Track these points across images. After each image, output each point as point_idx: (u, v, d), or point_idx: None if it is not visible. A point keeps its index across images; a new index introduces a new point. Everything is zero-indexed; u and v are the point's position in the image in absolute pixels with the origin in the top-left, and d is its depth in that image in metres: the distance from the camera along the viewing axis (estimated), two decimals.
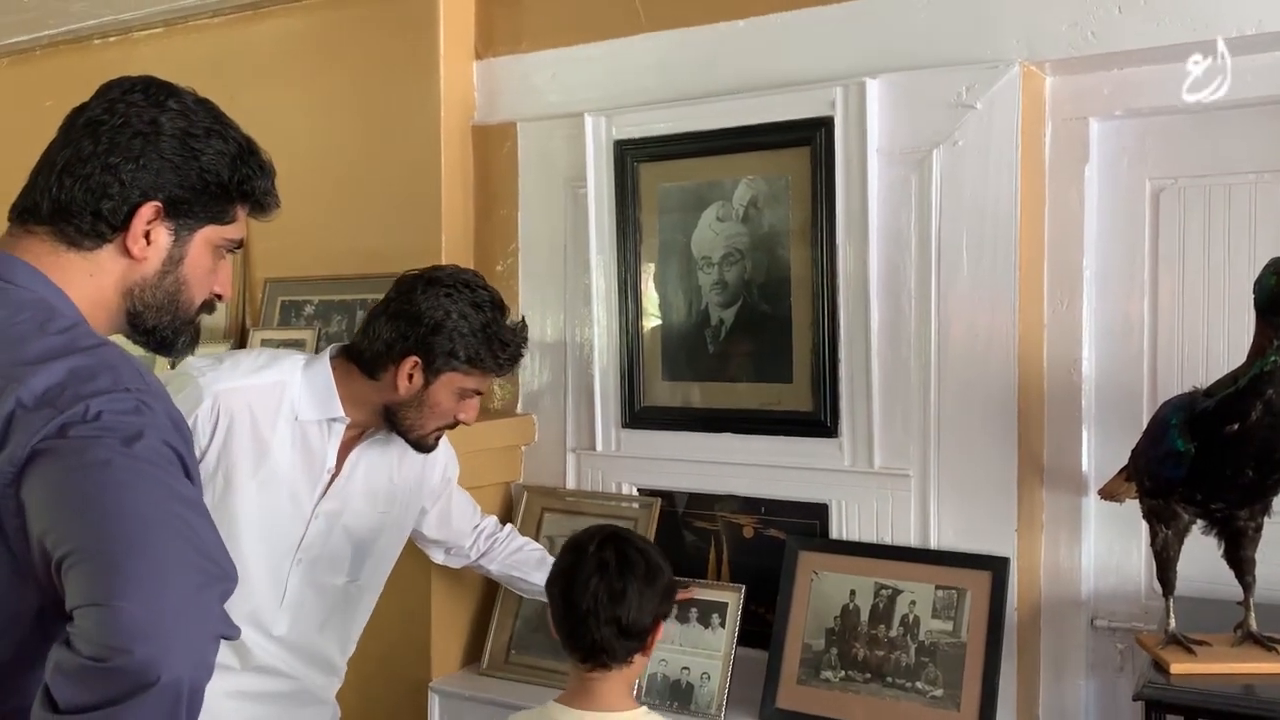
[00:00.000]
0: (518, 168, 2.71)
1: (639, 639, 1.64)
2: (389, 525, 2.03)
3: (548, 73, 2.67)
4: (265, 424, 1.84)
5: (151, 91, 1.23)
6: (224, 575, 1.06)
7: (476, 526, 2.26)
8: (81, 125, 1.22)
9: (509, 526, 2.31)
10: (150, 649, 0.95)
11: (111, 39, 3.24)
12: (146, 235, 1.21)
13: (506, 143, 2.72)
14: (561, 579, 1.68)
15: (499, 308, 1.92)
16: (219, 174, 1.24)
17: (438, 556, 2.26)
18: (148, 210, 1.21)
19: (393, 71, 2.75)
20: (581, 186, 2.57)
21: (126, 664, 0.95)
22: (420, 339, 1.84)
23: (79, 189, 1.19)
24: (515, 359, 1.94)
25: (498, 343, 1.89)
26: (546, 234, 2.68)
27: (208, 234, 1.26)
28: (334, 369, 1.90)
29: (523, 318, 1.99)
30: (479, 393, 1.94)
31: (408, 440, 1.94)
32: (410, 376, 1.86)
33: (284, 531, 1.88)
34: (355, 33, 2.82)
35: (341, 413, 1.89)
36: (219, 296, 1.33)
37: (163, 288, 1.25)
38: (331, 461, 1.91)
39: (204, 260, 1.27)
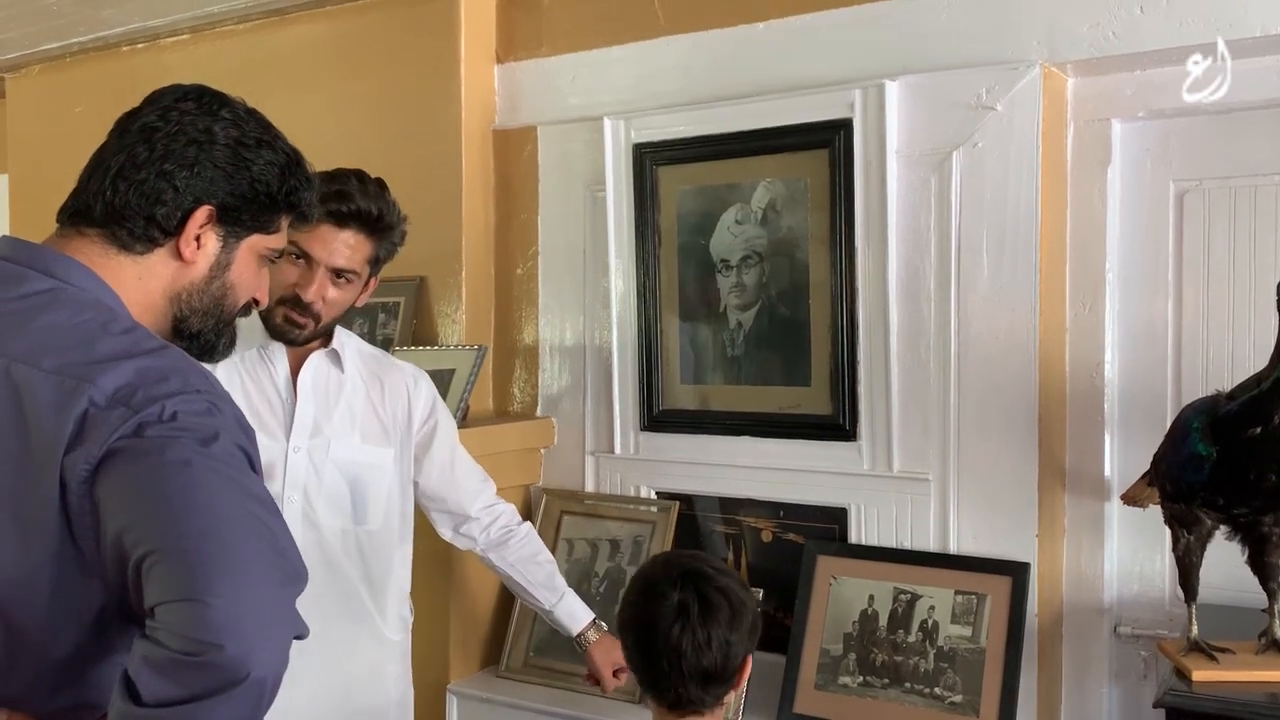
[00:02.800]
0: (538, 171, 2.72)
1: (728, 682, 1.51)
2: (387, 464, 1.98)
3: (568, 76, 2.67)
4: None
5: (205, 100, 1.25)
6: (298, 575, 1.08)
7: (490, 505, 2.15)
8: (136, 131, 1.22)
9: (528, 525, 2.21)
10: (241, 645, 0.97)
11: (140, 46, 3.28)
12: (197, 239, 1.23)
13: (527, 146, 2.74)
14: (636, 624, 1.52)
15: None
16: (269, 184, 1.25)
17: (445, 531, 2.13)
18: (201, 214, 1.22)
19: (414, 76, 2.77)
20: (601, 190, 2.58)
21: (218, 659, 0.96)
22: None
23: (133, 194, 1.20)
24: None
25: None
26: (566, 237, 2.69)
27: (253, 243, 1.28)
28: None
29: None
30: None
31: (269, 331, 1.87)
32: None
33: (265, 470, 1.81)
34: (378, 38, 2.84)
35: (268, 336, 1.87)
36: (257, 302, 1.34)
37: (209, 293, 1.26)
38: (285, 389, 1.89)
39: (249, 268, 1.29)
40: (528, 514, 2.68)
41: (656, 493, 2.56)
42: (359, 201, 1.86)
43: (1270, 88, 2.03)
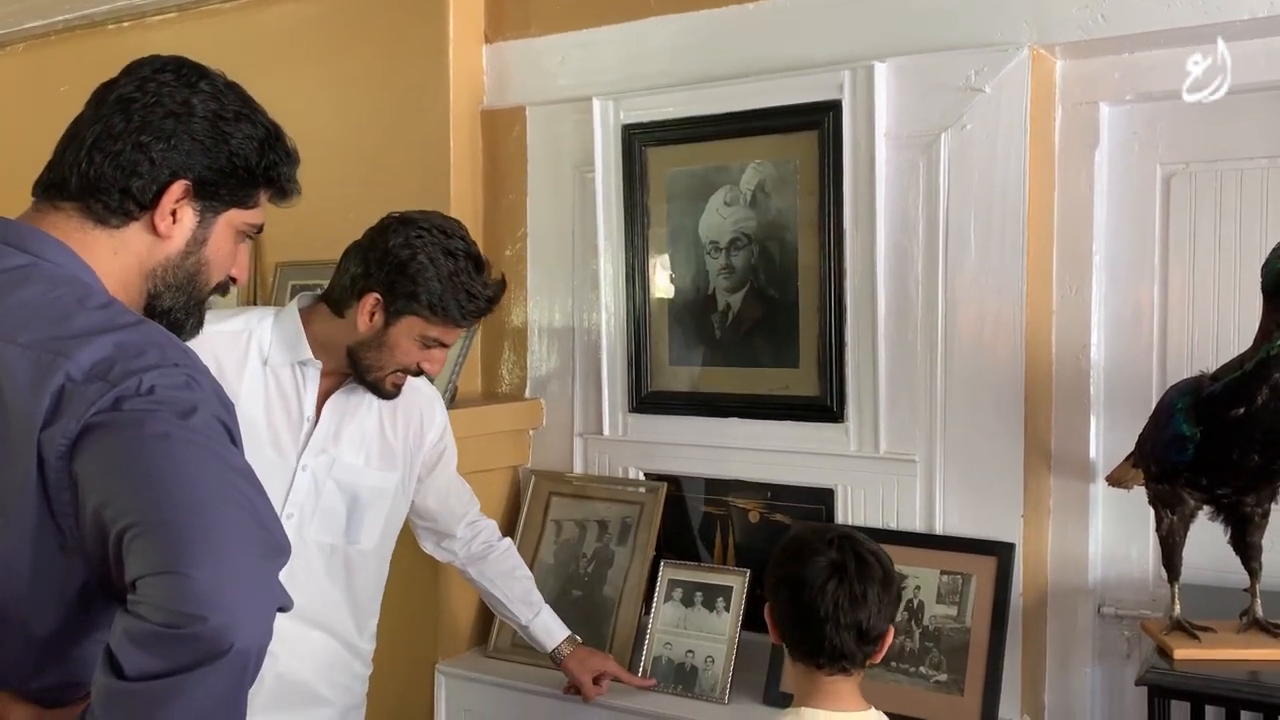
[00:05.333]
0: (527, 152, 2.71)
1: (875, 644, 1.57)
2: (390, 487, 1.99)
3: (557, 57, 2.66)
4: (233, 372, 1.83)
5: (183, 72, 1.22)
6: (280, 547, 1.07)
7: (473, 523, 2.18)
8: (112, 102, 1.20)
9: (508, 541, 2.24)
10: (223, 617, 0.96)
11: (125, 24, 3.26)
12: (173, 213, 1.21)
13: (515, 127, 2.73)
14: (791, 582, 1.57)
15: (473, 259, 1.86)
16: (247, 158, 1.23)
17: (427, 545, 2.18)
18: (177, 188, 1.20)
19: (402, 56, 2.75)
20: (590, 171, 2.57)
21: (200, 631, 0.96)
22: (384, 277, 1.81)
23: (109, 166, 1.18)
24: (480, 314, 1.88)
25: (464, 293, 1.83)
26: (555, 219, 2.68)
27: (231, 218, 1.26)
28: (307, 314, 1.90)
29: (501, 276, 1.93)
30: (443, 344, 1.89)
31: (365, 383, 1.89)
32: (371, 314, 1.83)
33: (268, 485, 1.84)
34: (365, 18, 2.82)
35: (310, 355, 1.87)
36: (234, 280, 1.32)
37: (184, 268, 1.24)
38: (310, 409, 1.89)
39: (226, 244, 1.27)
40: (516, 496, 2.68)
41: (645, 474, 2.57)
42: (500, 300, 1.93)
43: (1258, 71, 2.03)
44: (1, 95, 3.57)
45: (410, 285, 1.81)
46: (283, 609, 1.06)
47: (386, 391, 1.91)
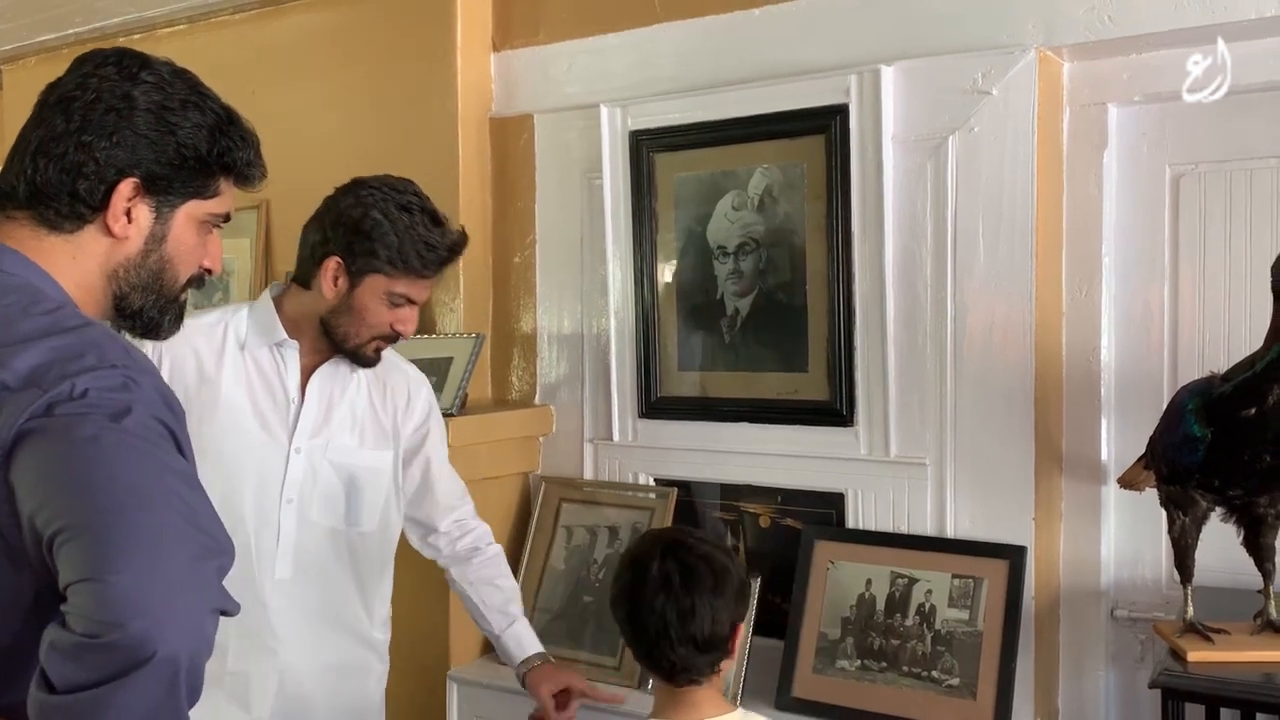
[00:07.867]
0: (535, 159, 2.72)
1: (720, 649, 1.53)
2: (386, 466, 1.97)
3: (564, 64, 2.68)
4: (210, 361, 1.83)
5: (125, 64, 1.17)
6: (220, 549, 1.03)
7: (461, 520, 2.08)
8: (54, 102, 1.16)
9: (498, 548, 2.11)
10: (144, 623, 0.92)
11: (136, 36, 3.28)
12: (128, 213, 1.17)
13: (524, 134, 2.74)
14: (626, 601, 1.55)
15: (428, 214, 1.83)
16: (197, 148, 1.18)
17: (413, 538, 2.08)
18: (126, 188, 1.16)
19: (411, 65, 2.77)
20: (598, 177, 2.58)
21: (120, 639, 0.92)
22: (340, 238, 1.80)
23: (54, 169, 1.14)
24: (442, 263, 1.85)
25: (422, 244, 1.81)
26: (563, 225, 2.69)
27: (190, 210, 1.21)
28: (279, 299, 1.89)
29: (461, 228, 1.90)
30: (412, 301, 1.86)
31: (345, 353, 1.88)
32: (335, 279, 1.82)
33: (263, 469, 1.84)
34: (374, 27, 2.84)
35: (284, 335, 1.86)
36: (208, 271, 1.28)
37: (147, 267, 1.20)
38: (294, 390, 1.88)
39: (188, 237, 1.22)
40: (527, 502, 2.69)
41: (655, 479, 2.57)
42: (462, 250, 1.90)
43: (1267, 71, 2.03)
44: (16, 108, 3.60)
45: (367, 243, 1.79)
46: (226, 613, 1.01)
47: (368, 358, 1.89)
